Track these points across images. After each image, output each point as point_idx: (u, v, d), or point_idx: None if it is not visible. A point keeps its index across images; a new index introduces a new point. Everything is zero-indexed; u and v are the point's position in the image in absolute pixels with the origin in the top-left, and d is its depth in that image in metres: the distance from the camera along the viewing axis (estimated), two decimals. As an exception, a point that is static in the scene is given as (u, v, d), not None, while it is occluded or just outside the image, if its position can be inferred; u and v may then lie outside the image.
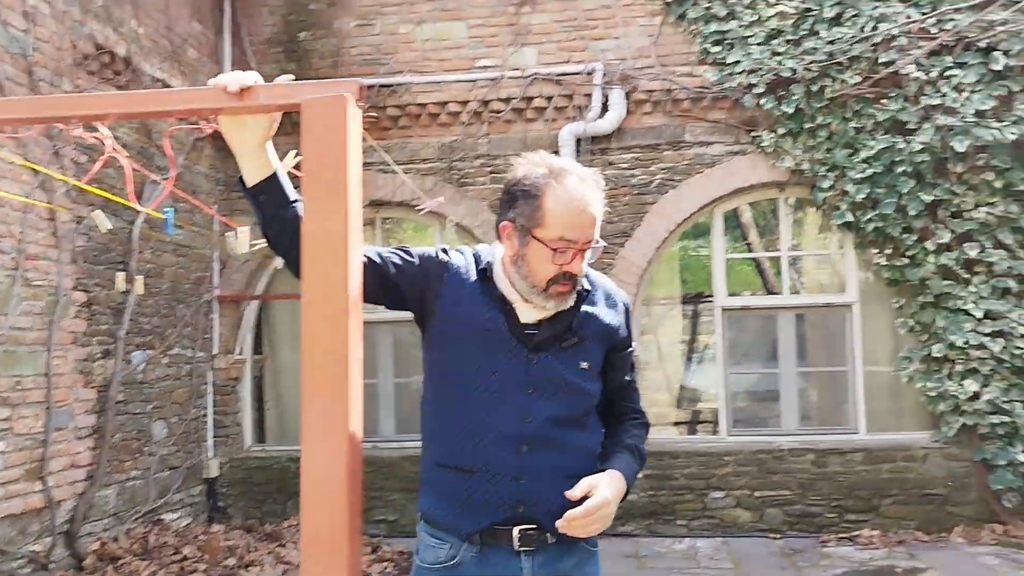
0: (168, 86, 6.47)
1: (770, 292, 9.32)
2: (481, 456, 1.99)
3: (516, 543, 1.99)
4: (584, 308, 2.09)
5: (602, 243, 2.04)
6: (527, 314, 2.05)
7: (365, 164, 7.35)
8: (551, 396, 2.03)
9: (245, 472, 7.35)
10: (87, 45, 5.58)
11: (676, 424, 10.10)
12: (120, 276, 5.44)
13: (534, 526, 1.99)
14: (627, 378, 2.22)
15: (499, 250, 2.11)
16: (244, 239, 3.78)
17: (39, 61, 5.15)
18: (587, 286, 2.11)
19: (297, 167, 2.32)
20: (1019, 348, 6.24)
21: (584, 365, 2.08)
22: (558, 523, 1.93)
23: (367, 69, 7.38)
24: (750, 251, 11.24)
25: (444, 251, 2.12)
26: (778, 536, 6.69)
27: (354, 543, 1.43)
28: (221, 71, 7.43)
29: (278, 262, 7.45)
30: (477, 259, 2.12)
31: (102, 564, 5.35)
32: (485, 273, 2.07)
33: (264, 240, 1.97)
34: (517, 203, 2.00)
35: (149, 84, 6.21)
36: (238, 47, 7.49)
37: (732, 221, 11.71)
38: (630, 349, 2.21)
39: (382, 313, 7.50)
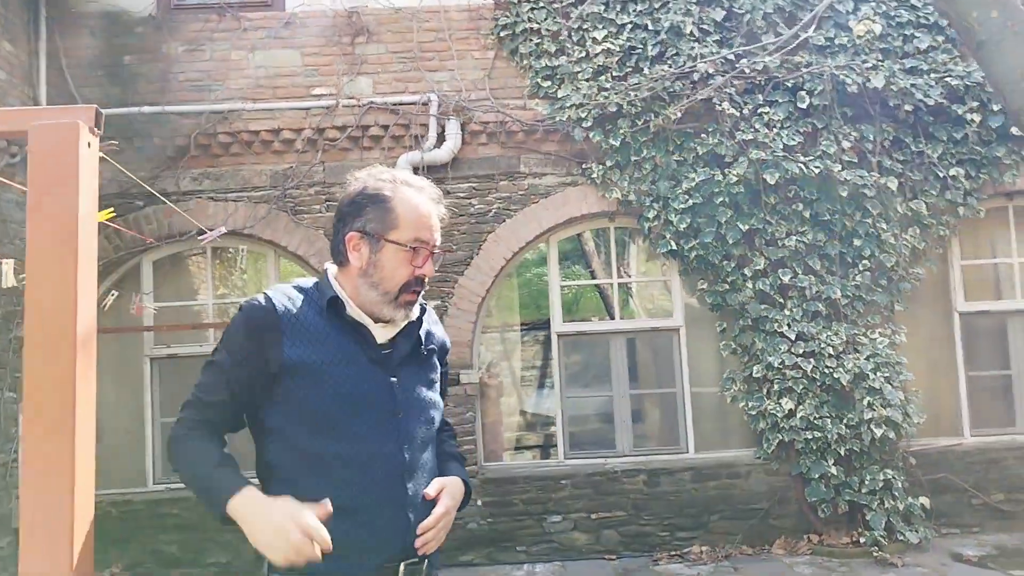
0: (-28, 108, 6.06)
1: (612, 317, 9.58)
2: (367, 494, 1.89)
3: None
4: (425, 324, 2.12)
5: (440, 251, 2.07)
6: (382, 335, 2.02)
7: (195, 192, 7.13)
8: (417, 416, 2.01)
9: (62, 519, 6.87)
10: None
11: (529, 448, 10.23)
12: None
13: (416, 559, 1.95)
14: (447, 391, 2.28)
15: (329, 274, 2.06)
16: (9, 273, 3.55)
17: None
18: (422, 304, 2.13)
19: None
20: (828, 367, 6.66)
21: (434, 377, 2.12)
22: (417, 542, 1.93)
23: (196, 95, 7.16)
24: (594, 278, 11.58)
25: (266, 300, 1.97)
26: (613, 557, 6.84)
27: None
28: (35, 93, 7.03)
29: (111, 294, 7.08)
30: (309, 294, 2.02)
31: None
32: (336, 301, 1.99)
33: None
34: (364, 211, 1.99)
35: (-52, 106, 5.79)
36: (54, 69, 7.10)
37: (578, 249, 12.09)
38: (447, 362, 2.26)
39: (210, 345, 7.24)
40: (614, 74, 7.02)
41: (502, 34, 7.21)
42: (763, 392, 6.86)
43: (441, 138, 7.16)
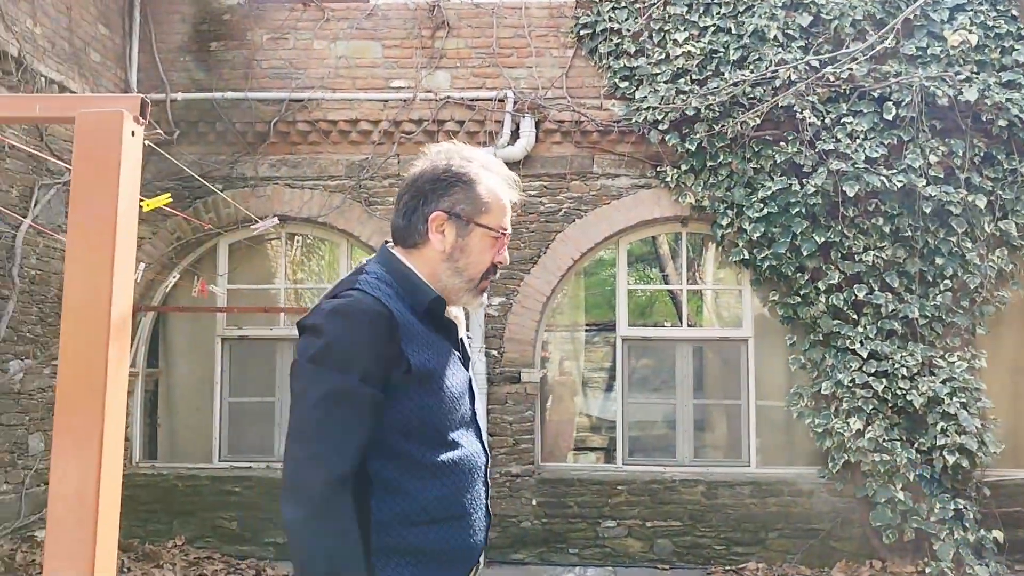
0: (66, 89, 6.30)
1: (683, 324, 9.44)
2: (470, 498, 1.82)
3: None
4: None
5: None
6: (461, 330, 1.97)
7: (273, 178, 7.27)
8: (475, 409, 1.93)
9: (131, 489, 7.10)
10: (-26, 42, 5.41)
11: (591, 450, 10.16)
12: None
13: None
14: None
15: (403, 260, 1.90)
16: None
17: (-83, 55, 4.97)
18: None
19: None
20: (901, 389, 6.43)
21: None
22: None
23: (278, 83, 7.30)
24: (667, 282, 11.43)
25: (380, 304, 1.75)
26: (667, 567, 6.75)
27: (105, 568, 1.38)
28: (127, 77, 7.27)
29: (175, 275, 7.30)
30: (393, 287, 1.84)
31: (-40, 582, 5.11)
32: (439, 302, 1.87)
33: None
34: (452, 191, 1.86)
35: (43, 86, 6.03)
36: (145, 53, 7.33)
37: (653, 252, 11.94)
38: None
39: (281, 329, 7.40)
40: (693, 77, 6.90)
41: (582, 33, 7.15)
42: (831, 410, 6.66)
43: (515, 135, 7.15)
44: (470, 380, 1.94)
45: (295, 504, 1.63)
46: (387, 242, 1.98)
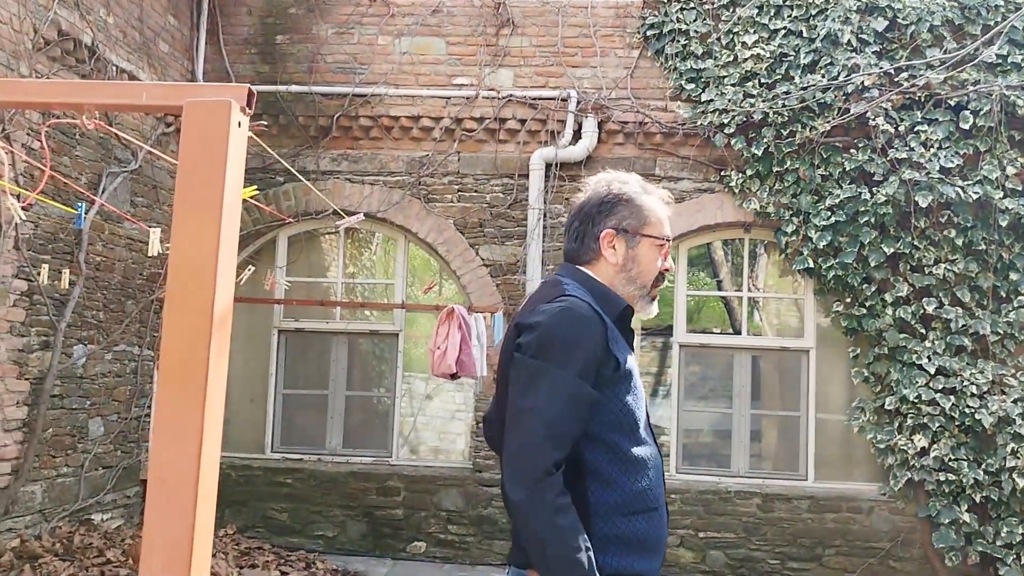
0: (135, 78, 6.38)
1: (736, 331, 9.28)
2: (659, 491, 1.99)
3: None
4: None
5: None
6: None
7: (334, 172, 7.29)
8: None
9: (184, 476, 7.18)
10: (50, 30, 5.48)
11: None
12: (45, 269, 5.29)
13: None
14: None
15: (587, 276, 2.08)
16: (155, 241, 3.68)
17: (-4, 42, 5.05)
18: None
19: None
20: (970, 407, 6.23)
21: None
22: None
23: (342, 77, 7.32)
24: (720, 288, 11.26)
25: (591, 309, 1.94)
26: (718, 579, 6.62)
27: (202, 549, 1.35)
28: (193, 68, 7.35)
29: (248, 268, 7.34)
30: (589, 301, 1.99)
31: (20, 562, 5.18)
32: (629, 310, 2.07)
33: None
34: (616, 210, 2.08)
35: (114, 75, 6.11)
36: (213, 45, 7.40)
37: (705, 256, 11.78)
38: None
39: (336, 323, 7.42)
40: (762, 81, 6.75)
41: (648, 33, 7.05)
42: (894, 426, 6.47)
43: (577, 135, 7.08)
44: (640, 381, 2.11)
45: (519, 487, 1.80)
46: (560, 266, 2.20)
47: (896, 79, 6.49)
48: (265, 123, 6.77)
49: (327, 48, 7.38)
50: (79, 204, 4.20)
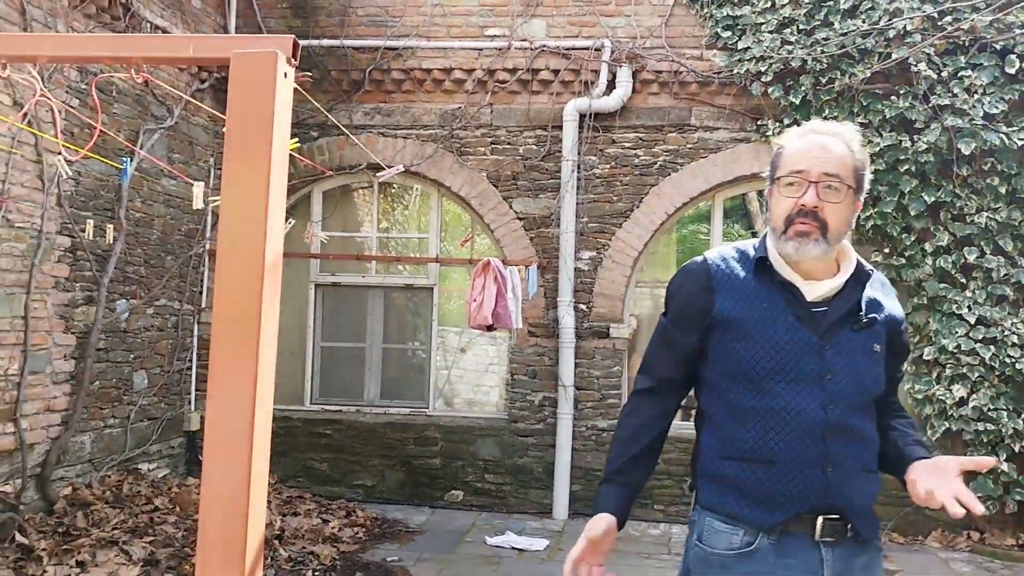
0: (168, 34, 6.39)
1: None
2: (783, 447, 1.94)
3: (819, 533, 1.93)
4: (869, 290, 2.06)
5: (847, 182, 1.96)
6: (812, 292, 2.01)
7: (366, 127, 7.29)
8: (847, 382, 1.97)
9: (226, 427, 7.34)
10: (86, -13, 5.50)
11: (682, 409, 10.07)
12: (90, 225, 5.39)
13: (837, 516, 1.94)
14: (901, 372, 2.21)
15: (768, 233, 2.09)
16: (199, 194, 3.72)
17: (33, 1, 5.07)
18: (867, 268, 2.10)
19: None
20: (1011, 357, 6.16)
21: (876, 348, 2.03)
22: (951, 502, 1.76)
23: (373, 30, 7.28)
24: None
25: (704, 262, 2.09)
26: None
27: (258, 496, 1.39)
28: (226, 23, 7.34)
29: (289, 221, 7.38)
30: (744, 254, 2.08)
31: (72, 509, 5.36)
32: (763, 262, 2.03)
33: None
34: (769, 168, 2.07)
35: (149, 31, 6.12)
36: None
37: (741, 207, 11.67)
38: (906, 338, 2.18)
39: (372, 277, 7.49)
40: (800, 27, 6.61)
41: (684, -21, 6.91)
42: (932, 376, 6.43)
43: (611, 85, 6.99)
44: (816, 342, 1.98)
45: None
46: None
47: (939, 23, 6.31)
48: (310, 74, 6.76)
49: (358, 1, 7.33)
50: (124, 159, 4.25)
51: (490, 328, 6.14)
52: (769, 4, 6.69)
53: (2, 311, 4.97)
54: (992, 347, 6.20)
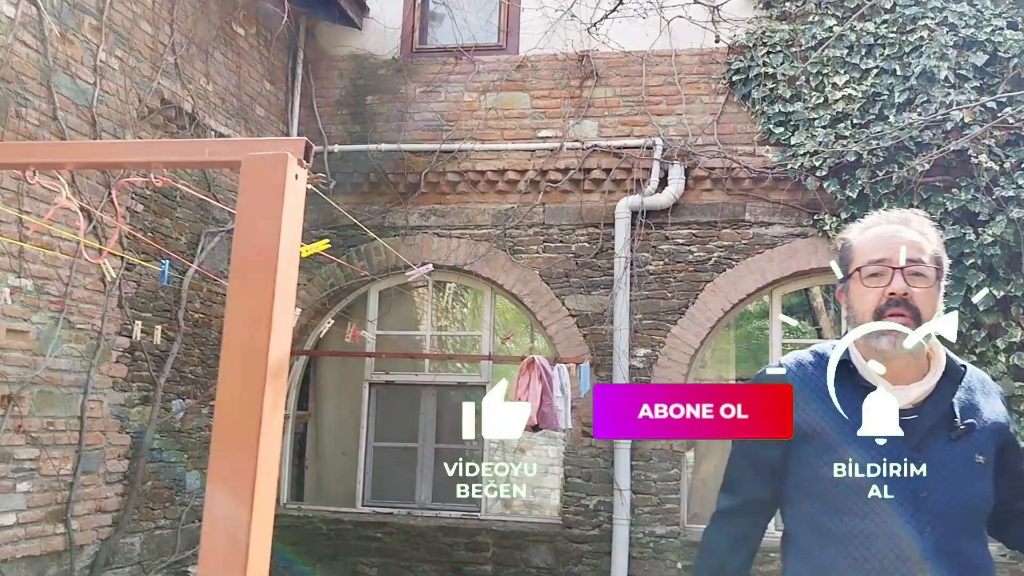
0: (232, 142, 6.64)
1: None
2: (872, 571, 1.78)
3: None
4: (963, 391, 1.88)
5: (932, 265, 1.85)
6: (901, 398, 1.81)
7: (422, 228, 7.40)
8: (947, 500, 1.78)
9: (277, 530, 7.20)
10: (153, 100, 5.78)
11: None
12: (138, 326, 5.51)
13: None
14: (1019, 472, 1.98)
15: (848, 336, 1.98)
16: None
17: (103, 113, 5.34)
18: (959, 364, 1.92)
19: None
20: (1097, 460, 5.77)
21: (980, 459, 1.83)
22: None
23: (429, 135, 7.46)
24: (820, 336, 10.87)
25: (778, 366, 1.99)
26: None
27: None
28: (288, 130, 7.62)
29: (328, 320, 7.47)
30: (822, 357, 1.93)
31: (119, 613, 5.31)
32: (846, 365, 1.87)
33: None
34: (838, 264, 1.98)
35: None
36: (306, 107, 7.67)
37: (805, 303, 11.44)
38: (1019, 445, 2.00)
39: (426, 376, 7.46)
40: (854, 121, 6.56)
41: (734, 78, 6.96)
42: (1013, 480, 6.05)
43: (663, 183, 7.00)
44: (911, 455, 1.79)
45: None
46: None
47: (999, 114, 6.21)
48: (323, 177, 6.93)
49: (415, 107, 7.55)
50: (163, 262, 4.38)
51: (536, 428, 6.02)
52: (821, 100, 6.67)
53: (59, 412, 5.05)
54: (1076, 449, 5.83)
